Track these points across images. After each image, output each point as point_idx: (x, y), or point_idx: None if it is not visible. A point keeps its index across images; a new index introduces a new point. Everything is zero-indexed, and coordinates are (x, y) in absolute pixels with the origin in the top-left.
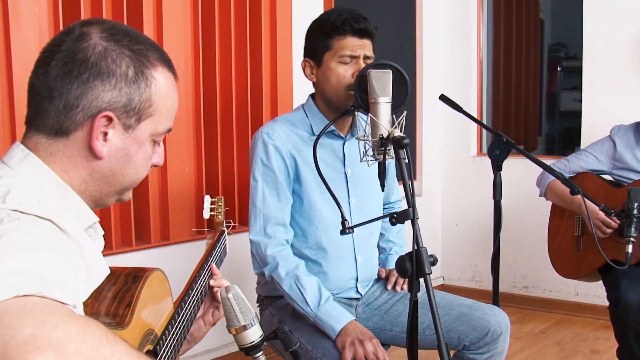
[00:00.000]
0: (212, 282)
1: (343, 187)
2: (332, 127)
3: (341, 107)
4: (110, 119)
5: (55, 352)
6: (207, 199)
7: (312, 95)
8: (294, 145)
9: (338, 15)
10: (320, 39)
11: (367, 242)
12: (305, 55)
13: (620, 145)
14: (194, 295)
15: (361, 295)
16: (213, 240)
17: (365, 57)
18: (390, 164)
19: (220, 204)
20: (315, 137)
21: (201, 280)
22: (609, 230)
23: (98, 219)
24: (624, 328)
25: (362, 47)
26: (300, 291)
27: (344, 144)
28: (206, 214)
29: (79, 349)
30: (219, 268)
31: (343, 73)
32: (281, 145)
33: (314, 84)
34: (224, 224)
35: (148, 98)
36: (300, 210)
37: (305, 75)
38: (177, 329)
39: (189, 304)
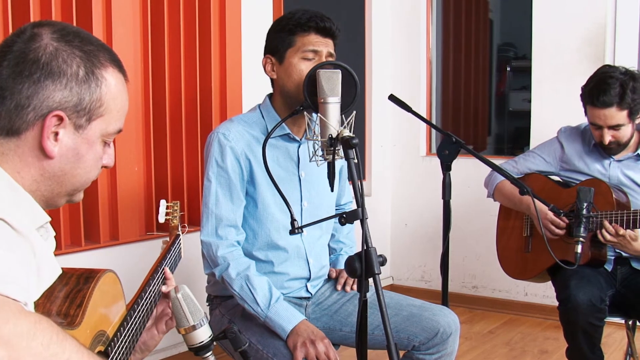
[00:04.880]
0: (164, 289)
1: (296, 190)
2: (288, 130)
3: (301, 103)
4: (61, 119)
5: (6, 348)
6: (163, 203)
7: (270, 96)
8: (249, 146)
9: (302, 13)
10: (283, 35)
11: (317, 243)
12: (267, 52)
13: (568, 148)
14: (147, 298)
15: (311, 294)
16: (168, 244)
17: (330, 55)
18: (344, 166)
19: (175, 208)
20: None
21: (154, 284)
22: (558, 231)
23: (50, 219)
24: (573, 328)
25: (325, 45)
26: (251, 291)
27: (299, 146)
28: (161, 218)
29: (29, 345)
30: (173, 272)
31: (305, 69)
32: (236, 146)
33: (273, 82)
34: (179, 228)
35: (98, 98)
36: (253, 211)
37: (265, 72)
38: (130, 331)
39: (141, 306)
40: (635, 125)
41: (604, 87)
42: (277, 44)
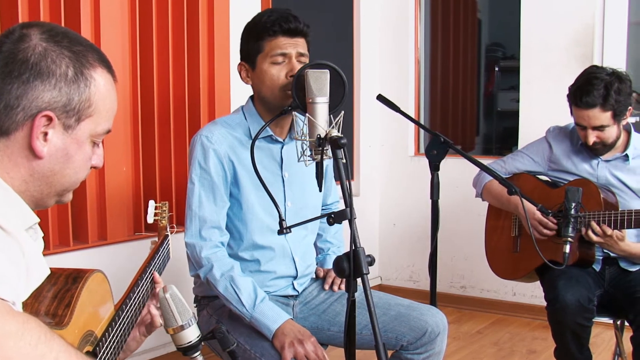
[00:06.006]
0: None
1: (280, 190)
2: (271, 132)
3: (278, 108)
4: (50, 119)
5: None
6: (152, 204)
7: (252, 97)
8: (232, 149)
9: (268, 16)
10: (252, 41)
11: (302, 242)
12: (241, 58)
13: (556, 148)
14: (135, 298)
15: (298, 292)
16: (156, 244)
17: (300, 55)
18: (329, 165)
19: (164, 208)
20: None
21: (143, 284)
22: (546, 231)
23: (39, 220)
24: (561, 328)
25: (293, 46)
26: (236, 292)
27: (282, 147)
28: (150, 219)
29: (17, 345)
30: (161, 272)
31: (277, 74)
32: (219, 148)
33: (251, 86)
34: (168, 229)
35: (87, 98)
36: (238, 213)
37: (241, 78)
38: (118, 331)
39: (130, 306)
40: (623, 126)
41: (588, 87)
42: (248, 51)
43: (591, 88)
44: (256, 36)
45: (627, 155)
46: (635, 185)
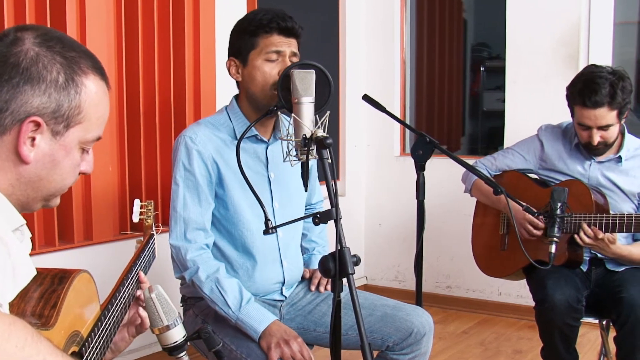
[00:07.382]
0: (138, 292)
1: (266, 191)
2: (255, 132)
3: (267, 106)
4: (38, 124)
5: None
6: (137, 202)
7: (236, 97)
8: (217, 149)
9: (264, 14)
10: (246, 37)
11: (291, 244)
12: (230, 54)
13: (548, 147)
14: (121, 298)
15: (285, 297)
16: (142, 244)
17: (293, 55)
18: (313, 164)
19: (149, 207)
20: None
21: (128, 284)
22: (535, 231)
23: (25, 222)
24: (550, 328)
25: (288, 45)
26: (221, 294)
27: (267, 147)
28: (135, 218)
29: (3, 347)
30: (147, 272)
31: (269, 71)
32: (204, 149)
33: (238, 84)
34: (153, 228)
35: (77, 105)
36: (225, 214)
37: (230, 74)
38: (104, 332)
39: (115, 306)
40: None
41: (594, 87)
42: (240, 46)
43: (597, 87)
44: (251, 32)
45: (620, 157)
46: (627, 187)
